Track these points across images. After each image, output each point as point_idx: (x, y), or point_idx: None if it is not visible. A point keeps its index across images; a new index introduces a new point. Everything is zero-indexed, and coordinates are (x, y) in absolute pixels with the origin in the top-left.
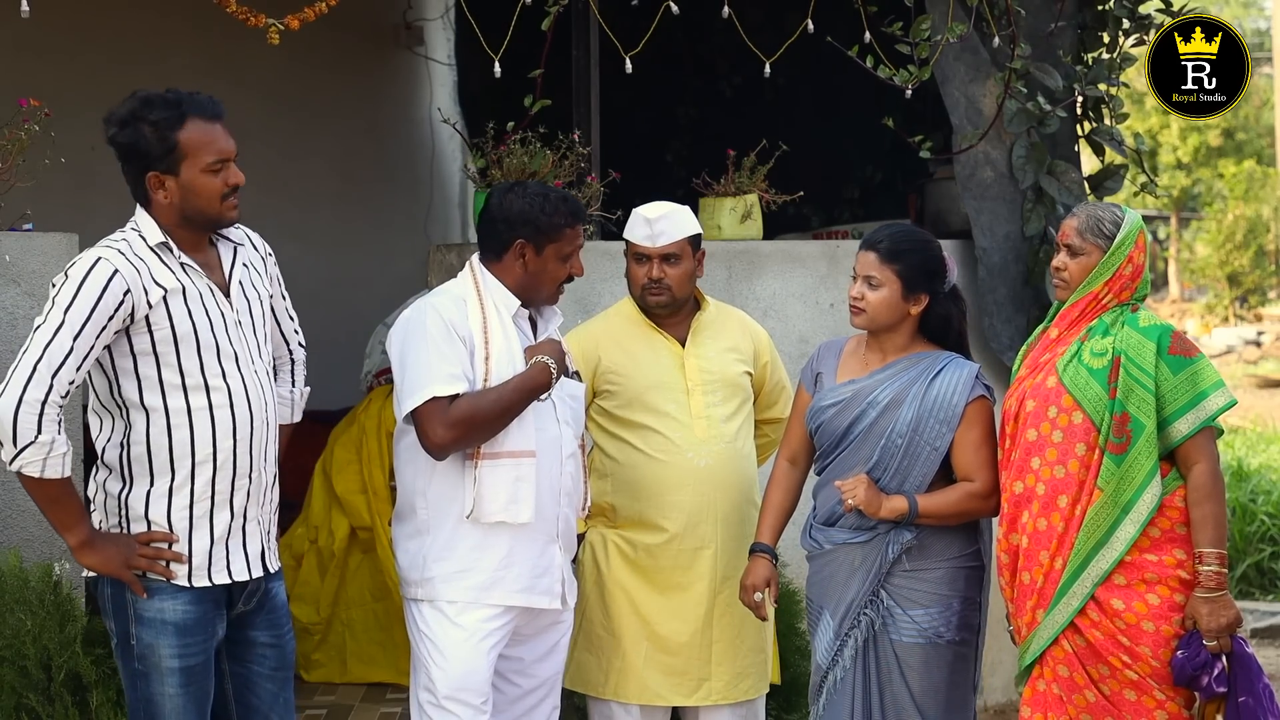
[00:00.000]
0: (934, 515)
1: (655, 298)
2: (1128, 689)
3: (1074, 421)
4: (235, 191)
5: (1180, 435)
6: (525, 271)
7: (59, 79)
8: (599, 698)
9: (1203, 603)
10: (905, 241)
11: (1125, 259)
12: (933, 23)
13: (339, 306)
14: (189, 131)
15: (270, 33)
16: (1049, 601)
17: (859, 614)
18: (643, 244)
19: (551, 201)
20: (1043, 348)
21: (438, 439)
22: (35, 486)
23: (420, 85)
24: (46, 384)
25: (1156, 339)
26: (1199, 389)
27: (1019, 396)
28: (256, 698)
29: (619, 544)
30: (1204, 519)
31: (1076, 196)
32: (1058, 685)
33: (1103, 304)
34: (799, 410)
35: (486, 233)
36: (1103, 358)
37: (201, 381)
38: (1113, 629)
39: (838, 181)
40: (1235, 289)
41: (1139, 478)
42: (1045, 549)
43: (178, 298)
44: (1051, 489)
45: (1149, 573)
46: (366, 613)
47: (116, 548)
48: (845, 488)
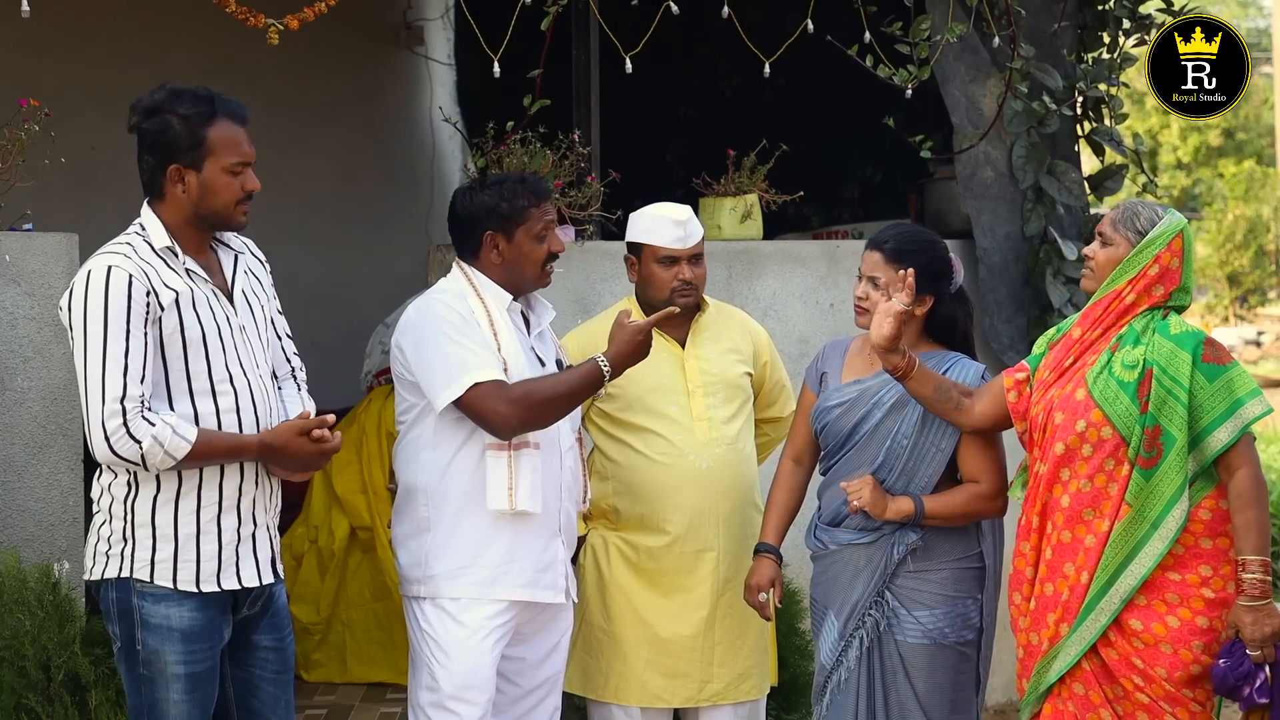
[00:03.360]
0: (940, 517)
1: (686, 299)
2: (1140, 711)
3: (1103, 436)
4: (249, 198)
5: (1220, 444)
6: (503, 261)
7: (59, 79)
8: (599, 700)
9: (1246, 611)
10: (912, 242)
11: (1152, 258)
12: (933, 23)
13: (339, 306)
14: (218, 129)
15: (270, 33)
16: (1074, 616)
17: (864, 615)
18: (674, 246)
19: (509, 186)
20: (1065, 349)
21: (501, 417)
22: (185, 463)
23: (420, 85)
24: (119, 395)
25: (1191, 349)
26: (1235, 396)
27: (1046, 406)
28: (258, 700)
29: (620, 546)
30: (1247, 525)
31: (1076, 196)
32: (1074, 704)
33: (1126, 304)
34: (804, 409)
35: (458, 235)
36: (1133, 370)
37: (208, 386)
38: (1128, 649)
39: (838, 181)
40: (1235, 289)
41: (1169, 493)
42: (1071, 561)
43: (186, 301)
44: (1077, 502)
45: (1170, 593)
46: (366, 613)
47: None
48: (851, 489)
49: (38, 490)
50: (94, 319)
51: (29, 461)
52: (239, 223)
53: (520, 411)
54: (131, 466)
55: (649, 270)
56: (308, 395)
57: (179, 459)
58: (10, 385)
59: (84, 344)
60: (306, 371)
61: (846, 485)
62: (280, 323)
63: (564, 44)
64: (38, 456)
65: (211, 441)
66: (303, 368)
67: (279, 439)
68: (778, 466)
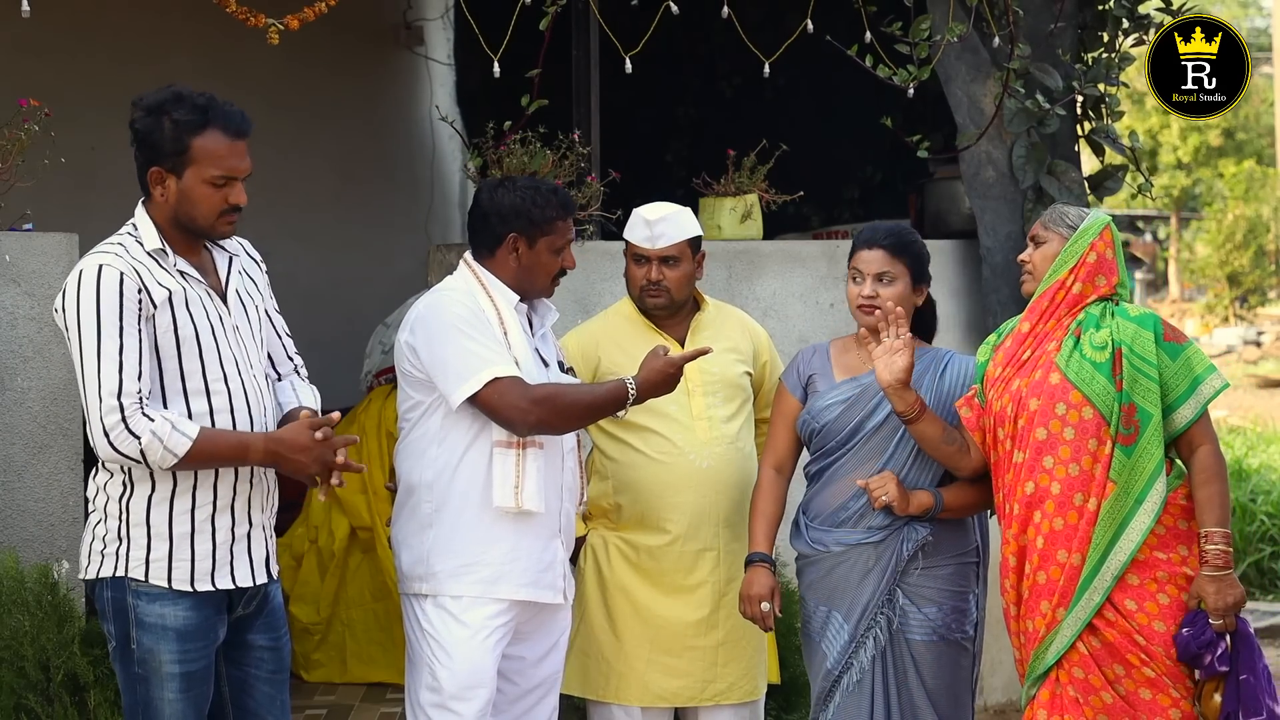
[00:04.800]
0: (956, 508)
1: (653, 299)
2: (1143, 688)
3: (1084, 417)
4: (235, 210)
5: (1185, 420)
6: (519, 265)
7: (59, 79)
8: (600, 701)
9: (1209, 581)
10: (907, 235)
11: (1088, 246)
12: (933, 22)
13: (339, 306)
14: (205, 139)
15: (270, 33)
16: (1070, 599)
17: (876, 614)
18: (642, 245)
19: (542, 194)
20: (1018, 343)
21: (521, 413)
22: (186, 461)
23: (420, 85)
24: (115, 391)
25: (1152, 328)
26: (1194, 374)
27: (1015, 397)
28: (253, 700)
29: (620, 546)
30: (1210, 499)
31: (1076, 196)
32: (1074, 688)
33: (1073, 294)
34: (785, 417)
35: (478, 228)
36: (1104, 351)
37: (202, 386)
38: (1129, 628)
39: (838, 181)
40: (1235, 289)
41: (1150, 467)
42: (1064, 547)
43: (180, 300)
44: (1067, 487)
45: (1160, 571)
46: (366, 613)
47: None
48: (874, 485)
49: (37, 490)
50: (87, 318)
51: (29, 461)
52: (220, 234)
53: (542, 412)
54: (133, 464)
55: (627, 266)
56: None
57: (180, 455)
58: (10, 385)
59: (79, 344)
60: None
61: (867, 483)
62: (279, 322)
63: (564, 44)
64: (38, 456)
65: (215, 439)
66: (304, 366)
67: (287, 435)
68: (759, 475)
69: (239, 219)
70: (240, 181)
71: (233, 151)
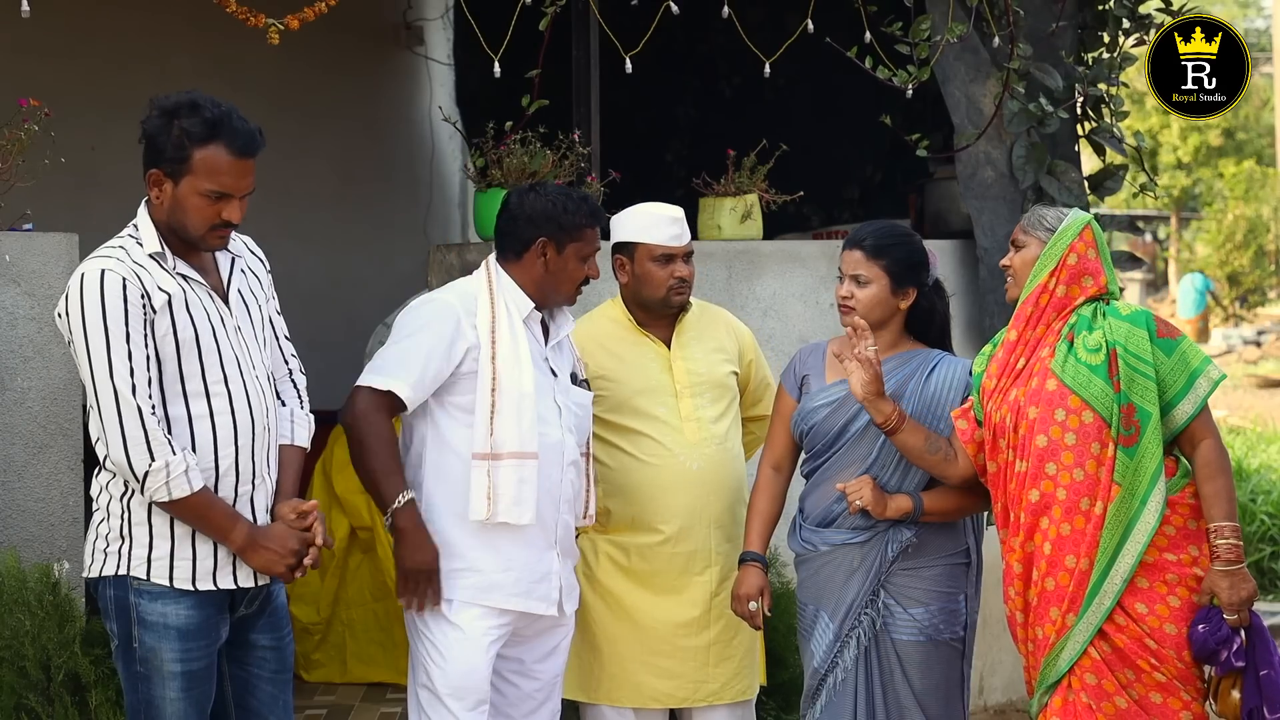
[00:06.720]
0: (937, 512)
1: (681, 296)
2: (1154, 691)
3: (1085, 421)
4: (227, 226)
5: (1186, 416)
6: (546, 271)
7: (59, 79)
8: (592, 702)
9: (1222, 576)
10: (888, 237)
11: (1067, 248)
12: (933, 23)
13: (339, 306)
14: (208, 153)
15: (270, 33)
16: (1080, 605)
17: (859, 614)
18: (671, 244)
19: (574, 201)
20: (1009, 353)
21: (351, 418)
22: (173, 508)
23: (420, 85)
24: (133, 406)
25: (1145, 325)
26: (1191, 368)
27: (1013, 406)
28: (256, 700)
29: (609, 550)
30: (1216, 493)
31: (1076, 196)
32: (1086, 694)
33: (1057, 297)
34: (782, 416)
35: (507, 231)
36: (1098, 353)
37: (203, 387)
38: (1139, 632)
39: (838, 181)
40: (1235, 289)
41: (1151, 467)
42: (1072, 552)
43: (180, 303)
44: (1073, 493)
45: (1170, 574)
46: (366, 613)
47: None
48: (850, 489)
49: (38, 490)
50: (94, 326)
51: (29, 461)
52: (209, 246)
53: (349, 435)
54: (128, 478)
55: (644, 269)
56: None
57: (171, 498)
58: (10, 385)
59: (87, 351)
60: (307, 372)
61: (844, 486)
62: (279, 324)
63: (564, 44)
64: (38, 456)
65: (210, 505)
66: (302, 370)
67: (275, 532)
68: (757, 474)
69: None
70: (238, 199)
71: (234, 169)
